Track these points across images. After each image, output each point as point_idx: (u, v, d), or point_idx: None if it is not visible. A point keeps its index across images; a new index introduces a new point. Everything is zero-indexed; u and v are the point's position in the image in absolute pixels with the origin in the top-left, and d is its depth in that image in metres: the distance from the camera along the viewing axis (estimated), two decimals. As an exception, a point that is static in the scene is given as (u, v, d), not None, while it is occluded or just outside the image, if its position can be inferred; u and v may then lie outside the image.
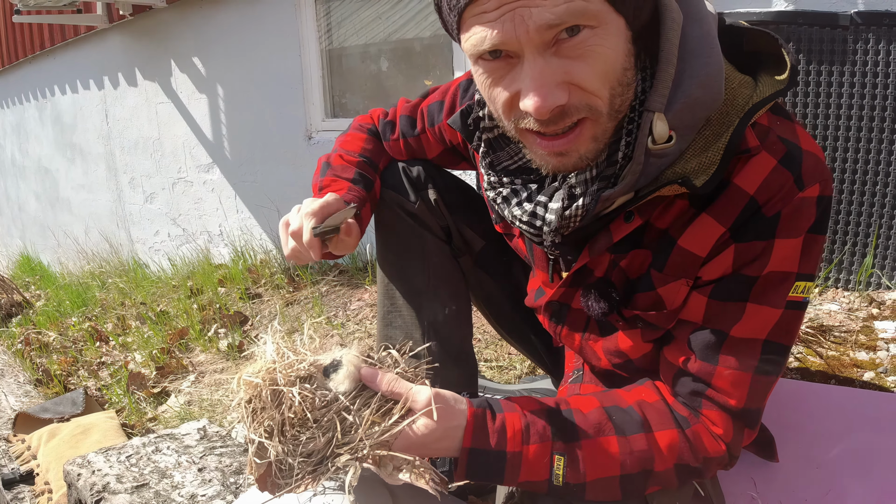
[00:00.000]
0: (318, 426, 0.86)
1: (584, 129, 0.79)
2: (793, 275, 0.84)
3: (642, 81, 0.83)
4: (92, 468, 1.52)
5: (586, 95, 0.77)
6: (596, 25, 0.74)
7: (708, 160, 0.81)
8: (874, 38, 1.89)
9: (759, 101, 0.81)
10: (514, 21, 0.73)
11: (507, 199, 0.95)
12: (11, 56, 6.26)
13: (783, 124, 0.84)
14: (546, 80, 0.75)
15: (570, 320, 1.07)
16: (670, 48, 0.80)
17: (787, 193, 0.81)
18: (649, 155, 0.81)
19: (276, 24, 3.78)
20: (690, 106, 0.80)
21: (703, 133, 0.82)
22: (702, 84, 0.79)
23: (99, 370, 2.82)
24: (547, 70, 0.75)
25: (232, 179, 4.34)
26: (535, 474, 0.86)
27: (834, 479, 1.22)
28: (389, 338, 1.27)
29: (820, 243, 0.85)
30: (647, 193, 0.83)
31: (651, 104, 0.80)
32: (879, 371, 1.66)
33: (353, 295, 2.86)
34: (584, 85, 0.76)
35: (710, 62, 0.80)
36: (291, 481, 0.85)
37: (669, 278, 0.89)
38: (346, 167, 1.22)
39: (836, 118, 1.99)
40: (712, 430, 0.89)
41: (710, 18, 0.84)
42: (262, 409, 0.87)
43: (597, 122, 0.80)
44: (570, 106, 0.77)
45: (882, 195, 1.97)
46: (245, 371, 0.90)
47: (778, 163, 0.81)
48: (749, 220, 0.83)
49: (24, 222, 7.37)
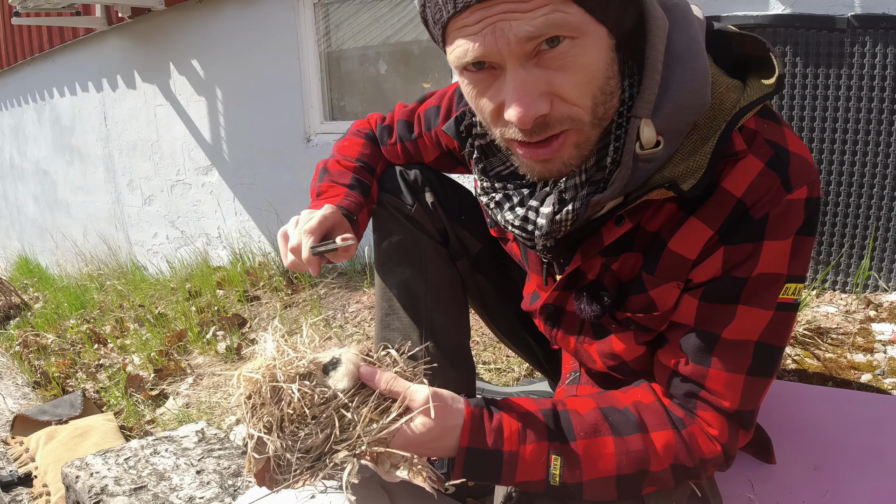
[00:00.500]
0: (317, 422, 0.87)
1: (567, 137, 0.81)
2: (783, 276, 0.85)
3: (629, 87, 0.84)
4: (90, 470, 1.52)
5: (568, 106, 0.78)
6: (576, 36, 0.75)
7: (695, 164, 0.81)
8: (871, 41, 1.90)
9: (746, 104, 0.82)
10: (494, 34, 0.74)
11: (499, 204, 0.97)
12: (10, 58, 6.26)
13: (771, 127, 0.85)
14: (528, 90, 0.76)
15: (565, 323, 1.07)
16: (656, 55, 0.81)
17: (774, 196, 0.82)
18: (637, 160, 0.82)
19: (275, 27, 3.78)
20: (677, 111, 0.80)
21: (690, 137, 0.83)
22: (688, 89, 0.80)
23: (97, 372, 2.82)
24: (529, 81, 0.76)
25: (230, 182, 4.34)
26: (532, 474, 0.87)
27: (831, 480, 1.22)
28: (387, 340, 1.28)
29: (809, 245, 0.86)
30: (636, 197, 0.84)
31: (638, 110, 0.81)
32: (876, 373, 1.66)
33: (351, 297, 2.86)
34: (566, 95, 0.77)
35: (696, 67, 0.81)
36: (289, 477, 0.86)
37: (661, 281, 0.90)
38: (344, 173, 1.23)
39: (832, 121, 1.99)
40: (707, 431, 0.90)
41: (696, 24, 0.85)
42: (262, 405, 0.88)
43: (580, 132, 0.81)
44: (551, 117, 0.78)
45: (879, 197, 1.98)
46: (245, 367, 0.92)
47: (765, 165, 0.82)
48: (737, 222, 0.83)
49: (22, 224, 7.36)
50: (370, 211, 1.26)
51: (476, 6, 0.74)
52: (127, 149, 5.13)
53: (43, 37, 5.57)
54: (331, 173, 1.24)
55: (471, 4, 0.74)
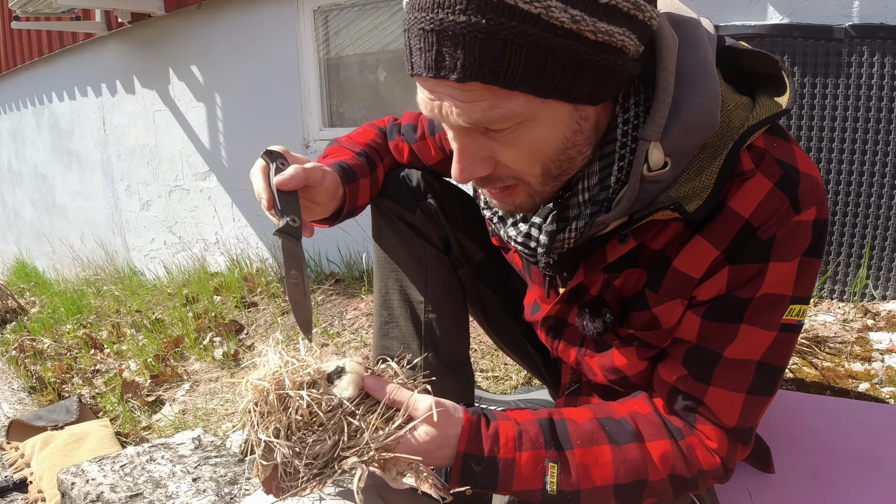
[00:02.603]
0: (324, 429, 0.88)
1: (517, 190, 0.83)
2: (787, 298, 0.84)
3: (635, 106, 0.83)
4: (86, 477, 1.51)
5: (513, 170, 0.80)
6: (523, 120, 0.75)
7: (702, 184, 0.80)
8: (869, 50, 1.91)
9: (755, 123, 0.81)
10: (440, 110, 0.76)
11: (502, 219, 0.97)
12: (9, 62, 6.26)
13: (780, 146, 0.84)
14: (467, 156, 0.79)
15: (567, 336, 1.07)
16: (667, 76, 0.80)
17: (782, 216, 0.81)
18: (644, 182, 0.81)
19: (275, 33, 3.79)
20: (686, 133, 0.79)
21: (698, 157, 0.82)
22: (698, 112, 0.79)
23: (93, 378, 2.81)
24: (470, 147, 0.78)
25: (228, 188, 4.34)
26: (529, 483, 0.86)
27: (829, 489, 1.22)
28: (386, 348, 1.27)
29: (815, 266, 0.85)
30: (640, 217, 0.84)
31: (647, 133, 0.79)
32: (874, 382, 1.66)
33: (348, 304, 2.86)
34: (510, 165, 0.79)
35: (707, 89, 0.79)
36: (297, 484, 0.87)
37: (664, 298, 0.89)
38: (355, 145, 1.25)
39: (830, 130, 2.00)
40: (707, 443, 0.90)
41: (706, 42, 0.84)
42: (269, 413, 0.89)
43: (528, 187, 0.82)
44: (494, 176, 0.80)
45: (876, 207, 1.98)
46: (251, 375, 0.92)
47: (774, 185, 0.81)
48: (744, 243, 0.82)
49: (19, 228, 7.35)
50: (373, 191, 1.25)
51: (420, 80, 0.76)
52: (125, 154, 5.13)
53: (42, 41, 5.58)
54: (340, 142, 1.26)
55: (418, 75, 0.76)
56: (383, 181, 1.27)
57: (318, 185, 1.06)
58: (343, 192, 1.13)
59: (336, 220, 1.18)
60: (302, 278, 1.02)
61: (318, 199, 1.08)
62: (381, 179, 1.27)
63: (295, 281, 1.02)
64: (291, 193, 1.01)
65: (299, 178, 1.00)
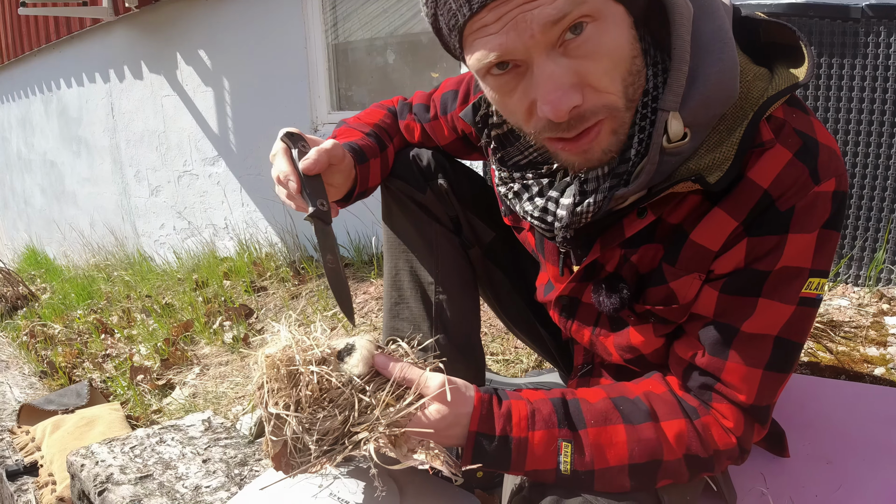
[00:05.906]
0: (334, 405, 0.88)
1: (603, 126, 0.78)
2: (806, 270, 0.83)
3: (653, 77, 0.81)
4: (95, 459, 1.52)
5: (600, 95, 0.76)
6: (597, 18, 0.72)
7: (722, 156, 0.79)
8: (885, 31, 1.87)
9: (774, 93, 0.79)
10: (517, 27, 0.71)
11: (518, 194, 0.95)
12: (17, 49, 6.27)
13: (799, 117, 0.83)
14: (558, 82, 0.73)
15: (581, 315, 1.05)
16: (682, 45, 0.79)
17: (801, 187, 0.80)
18: (664, 153, 0.80)
19: (283, 18, 3.77)
20: (705, 104, 0.78)
21: (717, 128, 0.81)
22: (716, 81, 0.78)
23: (104, 362, 2.82)
24: (558, 72, 0.73)
25: (237, 172, 4.34)
26: (542, 462, 0.85)
27: (845, 474, 1.21)
28: (397, 329, 1.26)
29: (834, 239, 0.84)
30: (660, 190, 0.82)
31: (665, 104, 0.78)
32: (890, 367, 1.64)
33: (358, 288, 2.85)
34: (597, 84, 0.75)
35: (724, 58, 0.78)
36: (307, 460, 0.87)
37: (682, 272, 0.88)
38: (364, 126, 1.23)
39: (846, 111, 1.97)
40: (722, 422, 0.88)
41: (721, 11, 0.83)
42: (280, 388, 0.89)
43: (615, 118, 0.78)
44: (585, 109, 0.76)
45: (893, 189, 1.95)
46: (262, 351, 0.92)
47: (793, 156, 0.80)
48: (762, 214, 0.81)
49: (29, 216, 7.39)
50: (384, 171, 1.23)
51: (493, 4, 0.71)
52: (134, 140, 5.13)
53: (50, 27, 5.58)
54: (349, 123, 1.24)
55: (487, 3, 0.71)
56: (393, 161, 1.26)
57: (339, 164, 1.05)
58: (354, 174, 1.12)
59: (348, 202, 1.17)
60: (337, 262, 1.02)
61: (334, 180, 1.07)
62: (392, 160, 1.25)
63: (332, 265, 1.02)
64: (316, 177, 1.01)
65: (323, 160, 1.01)
